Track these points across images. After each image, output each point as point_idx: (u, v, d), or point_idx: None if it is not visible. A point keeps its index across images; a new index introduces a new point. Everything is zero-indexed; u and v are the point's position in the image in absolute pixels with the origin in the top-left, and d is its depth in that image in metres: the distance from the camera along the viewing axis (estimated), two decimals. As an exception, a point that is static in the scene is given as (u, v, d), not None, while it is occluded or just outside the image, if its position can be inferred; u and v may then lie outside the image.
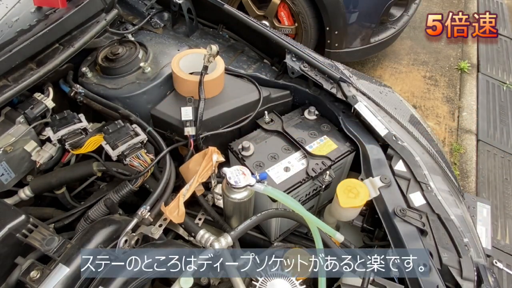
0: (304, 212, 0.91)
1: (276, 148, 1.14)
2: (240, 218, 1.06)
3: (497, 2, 4.17)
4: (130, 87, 1.19)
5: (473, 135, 2.85)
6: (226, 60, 1.34)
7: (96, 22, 1.26)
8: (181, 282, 0.76)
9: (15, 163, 1.06)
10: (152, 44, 1.33)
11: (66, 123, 1.05)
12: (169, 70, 1.22)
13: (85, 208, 1.07)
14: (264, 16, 2.84)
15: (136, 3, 1.50)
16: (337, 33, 2.66)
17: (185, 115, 1.11)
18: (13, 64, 1.04)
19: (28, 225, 0.80)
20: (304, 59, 1.28)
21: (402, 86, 3.25)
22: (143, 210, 0.93)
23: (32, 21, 1.11)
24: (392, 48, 3.51)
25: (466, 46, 3.62)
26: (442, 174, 1.16)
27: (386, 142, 1.14)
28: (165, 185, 1.02)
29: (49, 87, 1.16)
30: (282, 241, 1.19)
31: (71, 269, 0.75)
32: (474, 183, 2.56)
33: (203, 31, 1.52)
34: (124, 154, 1.02)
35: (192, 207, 1.13)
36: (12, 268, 0.79)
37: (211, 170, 1.01)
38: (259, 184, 0.91)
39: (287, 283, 0.84)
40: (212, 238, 0.93)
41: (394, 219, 0.98)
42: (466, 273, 0.90)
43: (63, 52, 1.13)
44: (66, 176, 1.10)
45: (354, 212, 1.08)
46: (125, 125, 1.06)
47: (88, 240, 0.82)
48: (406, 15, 2.97)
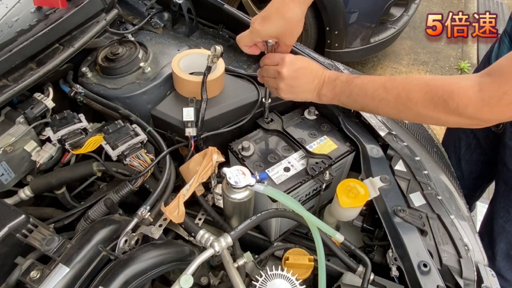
0: (304, 212, 0.91)
1: (276, 148, 1.14)
2: (240, 218, 1.06)
3: (497, 2, 4.17)
4: (130, 87, 1.19)
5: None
6: (226, 60, 1.34)
7: (96, 22, 1.26)
8: (181, 282, 0.76)
9: (15, 163, 1.06)
10: (152, 44, 1.33)
11: (66, 123, 1.05)
12: (169, 70, 1.22)
13: (85, 208, 1.07)
14: (264, 16, 2.84)
15: (136, 3, 1.50)
16: (337, 33, 2.66)
17: (186, 116, 1.11)
18: (13, 64, 1.04)
19: (28, 225, 0.80)
20: (304, 59, 1.28)
21: (402, 86, 3.25)
22: (143, 210, 0.93)
23: (32, 21, 1.11)
24: (392, 48, 3.51)
25: (466, 46, 3.63)
26: (442, 174, 1.16)
27: (386, 142, 1.14)
28: (165, 185, 1.02)
29: (49, 87, 1.16)
30: (282, 241, 1.19)
31: (71, 269, 0.75)
32: (474, 183, 2.55)
33: (203, 31, 1.52)
34: (124, 154, 1.02)
35: (192, 207, 1.13)
36: (12, 268, 0.79)
37: (211, 170, 1.01)
38: (259, 184, 0.91)
39: (287, 283, 0.84)
40: (212, 238, 0.93)
41: (394, 219, 0.98)
42: (466, 273, 0.91)
43: (63, 52, 1.13)
44: (66, 176, 1.10)
45: (354, 212, 1.09)
46: (125, 125, 1.06)
47: (88, 240, 0.81)
48: (406, 15, 2.98)
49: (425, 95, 0.78)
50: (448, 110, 0.75)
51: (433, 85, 0.78)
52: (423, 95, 0.78)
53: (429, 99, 0.77)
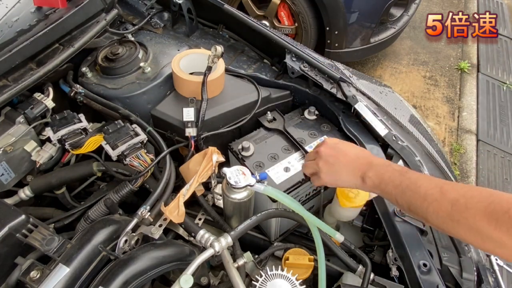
0: (304, 212, 0.91)
1: (276, 148, 1.14)
2: (240, 218, 1.06)
3: (497, 2, 4.17)
4: (130, 87, 1.19)
5: (473, 135, 2.85)
6: (226, 60, 1.34)
7: (96, 22, 1.26)
8: (181, 282, 0.76)
9: (15, 163, 1.06)
10: (152, 44, 1.33)
11: (66, 123, 1.05)
12: (169, 70, 1.22)
13: (85, 208, 1.07)
14: (264, 16, 2.84)
15: (136, 3, 1.50)
16: (337, 33, 2.66)
17: (186, 116, 1.11)
18: (13, 64, 1.04)
19: (28, 225, 0.80)
20: (304, 59, 1.28)
21: (402, 86, 3.25)
22: (143, 210, 0.93)
23: (32, 21, 1.11)
24: (392, 48, 3.51)
25: (466, 46, 3.62)
26: (442, 174, 1.16)
27: (386, 142, 1.14)
28: (165, 185, 1.02)
29: (49, 87, 1.16)
30: (282, 241, 1.19)
31: (71, 269, 0.75)
32: (474, 183, 2.56)
33: (203, 31, 1.52)
34: (124, 154, 1.02)
35: (192, 207, 1.13)
36: (12, 268, 0.79)
37: (211, 170, 1.01)
38: (259, 184, 0.91)
39: (287, 283, 0.84)
40: (212, 238, 0.93)
41: (394, 219, 0.98)
42: (466, 273, 0.91)
43: (63, 52, 1.13)
44: (66, 176, 1.10)
45: (354, 212, 1.09)
46: (125, 125, 1.06)
47: (88, 240, 0.81)
48: (406, 15, 2.97)
49: (487, 206, 0.64)
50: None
51: (498, 196, 0.65)
52: (485, 206, 0.64)
53: (492, 211, 0.63)
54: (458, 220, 0.67)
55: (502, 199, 0.63)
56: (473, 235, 0.66)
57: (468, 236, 0.68)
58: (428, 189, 0.73)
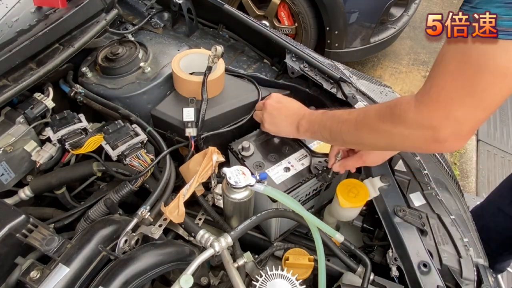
0: (304, 212, 0.91)
1: (276, 148, 1.14)
2: (240, 218, 1.06)
3: (497, 2, 4.17)
4: (130, 87, 1.19)
5: (473, 135, 2.85)
6: (226, 60, 1.34)
7: (96, 22, 1.26)
8: (181, 282, 0.76)
9: (15, 163, 1.06)
10: (152, 44, 1.33)
11: (66, 123, 1.05)
12: (169, 70, 1.22)
13: (85, 208, 1.07)
14: (264, 16, 2.84)
15: (136, 3, 1.50)
16: (337, 33, 2.66)
17: (187, 116, 1.11)
18: (13, 64, 1.04)
19: (28, 225, 0.80)
20: (304, 59, 1.28)
21: (402, 86, 3.25)
22: (143, 210, 0.93)
23: (32, 21, 1.11)
24: (392, 48, 3.51)
25: (466, 46, 3.62)
26: (442, 174, 1.16)
27: (386, 142, 1.14)
28: (165, 185, 1.02)
29: (49, 87, 1.16)
30: (282, 241, 1.19)
31: (71, 269, 0.75)
32: (474, 183, 2.56)
33: (203, 31, 1.52)
34: (124, 154, 1.02)
35: (192, 207, 1.13)
36: (12, 268, 0.79)
37: (211, 170, 1.01)
38: (259, 184, 0.91)
39: (287, 283, 0.84)
40: (212, 238, 0.93)
41: (394, 219, 0.98)
42: (466, 273, 0.91)
43: (63, 52, 1.14)
44: (66, 176, 1.10)
45: (354, 212, 1.09)
46: (125, 125, 1.06)
47: (88, 240, 0.81)
48: (406, 15, 2.98)
49: (378, 108, 0.79)
50: (393, 119, 0.73)
51: (385, 101, 0.80)
52: (376, 109, 0.80)
53: (380, 110, 0.78)
54: (362, 127, 0.82)
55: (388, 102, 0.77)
56: (374, 135, 0.80)
57: (370, 138, 0.82)
58: (340, 114, 0.89)
